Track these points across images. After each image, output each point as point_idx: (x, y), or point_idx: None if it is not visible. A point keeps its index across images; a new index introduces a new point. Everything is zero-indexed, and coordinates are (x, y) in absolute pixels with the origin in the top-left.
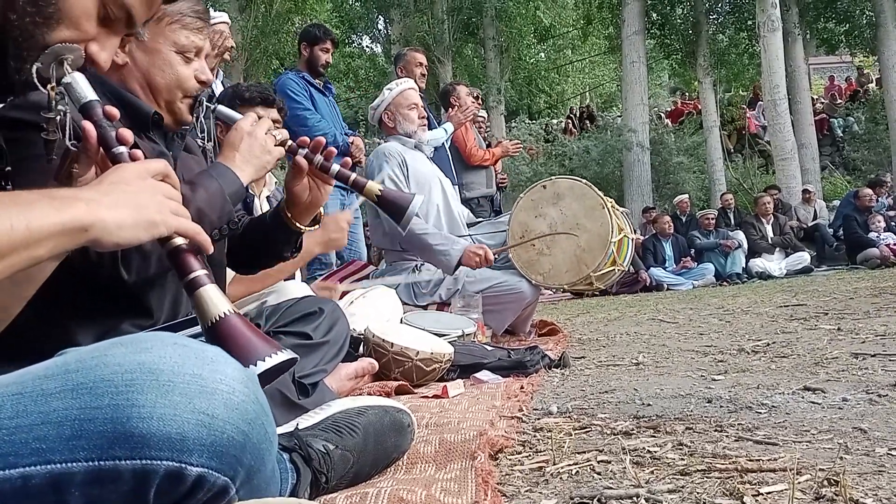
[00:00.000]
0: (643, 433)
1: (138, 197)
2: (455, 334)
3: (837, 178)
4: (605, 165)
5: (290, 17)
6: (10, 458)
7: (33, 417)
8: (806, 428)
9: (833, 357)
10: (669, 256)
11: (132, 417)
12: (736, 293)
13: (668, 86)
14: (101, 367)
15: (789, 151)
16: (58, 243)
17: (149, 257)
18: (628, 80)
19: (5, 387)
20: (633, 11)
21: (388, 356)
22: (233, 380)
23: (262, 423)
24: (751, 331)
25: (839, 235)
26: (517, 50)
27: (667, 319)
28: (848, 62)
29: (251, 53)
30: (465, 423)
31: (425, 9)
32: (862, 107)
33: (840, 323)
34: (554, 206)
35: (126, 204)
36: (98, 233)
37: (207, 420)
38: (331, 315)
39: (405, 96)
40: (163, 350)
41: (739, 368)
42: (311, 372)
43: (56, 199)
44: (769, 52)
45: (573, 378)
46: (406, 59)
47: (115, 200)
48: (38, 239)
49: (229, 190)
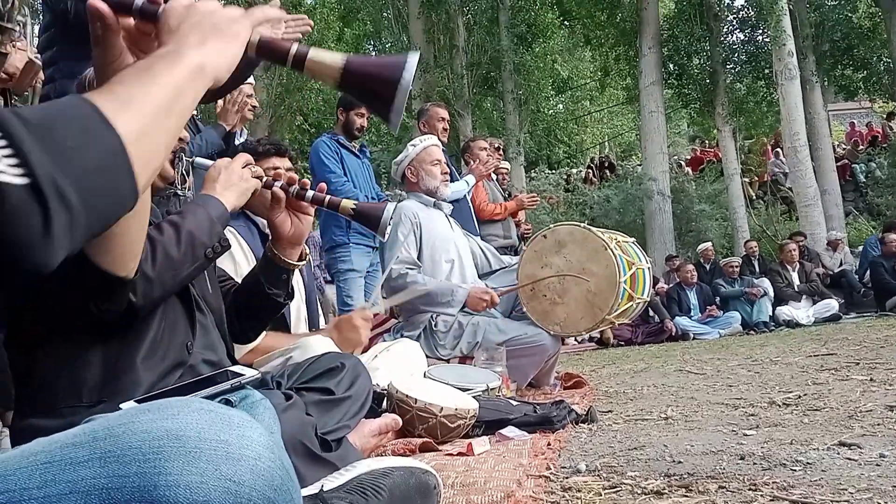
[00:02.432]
0: (675, 492)
1: (210, 21)
2: (479, 388)
3: (862, 224)
4: (627, 214)
5: None
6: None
7: (62, 486)
8: (843, 486)
9: (867, 410)
10: (694, 305)
11: (159, 486)
12: (764, 342)
13: (687, 134)
14: (128, 434)
15: (812, 198)
16: (191, 91)
17: (152, 281)
18: (647, 129)
19: (34, 455)
20: (650, 63)
21: (411, 412)
22: (259, 445)
23: (287, 489)
24: (781, 382)
25: (865, 282)
26: (536, 102)
27: (694, 370)
28: (867, 108)
29: (276, 110)
30: (492, 482)
31: (445, 64)
32: (884, 152)
33: (872, 373)
34: (557, 255)
35: (208, 33)
36: (211, 68)
37: (234, 487)
38: (353, 370)
39: (429, 152)
40: (189, 416)
41: (771, 422)
42: (334, 428)
43: (162, 57)
44: (788, 100)
45: (601, 433)
46: (429, 114)
47: (198, 37)
48: (174, 95)
49: (215, 214)
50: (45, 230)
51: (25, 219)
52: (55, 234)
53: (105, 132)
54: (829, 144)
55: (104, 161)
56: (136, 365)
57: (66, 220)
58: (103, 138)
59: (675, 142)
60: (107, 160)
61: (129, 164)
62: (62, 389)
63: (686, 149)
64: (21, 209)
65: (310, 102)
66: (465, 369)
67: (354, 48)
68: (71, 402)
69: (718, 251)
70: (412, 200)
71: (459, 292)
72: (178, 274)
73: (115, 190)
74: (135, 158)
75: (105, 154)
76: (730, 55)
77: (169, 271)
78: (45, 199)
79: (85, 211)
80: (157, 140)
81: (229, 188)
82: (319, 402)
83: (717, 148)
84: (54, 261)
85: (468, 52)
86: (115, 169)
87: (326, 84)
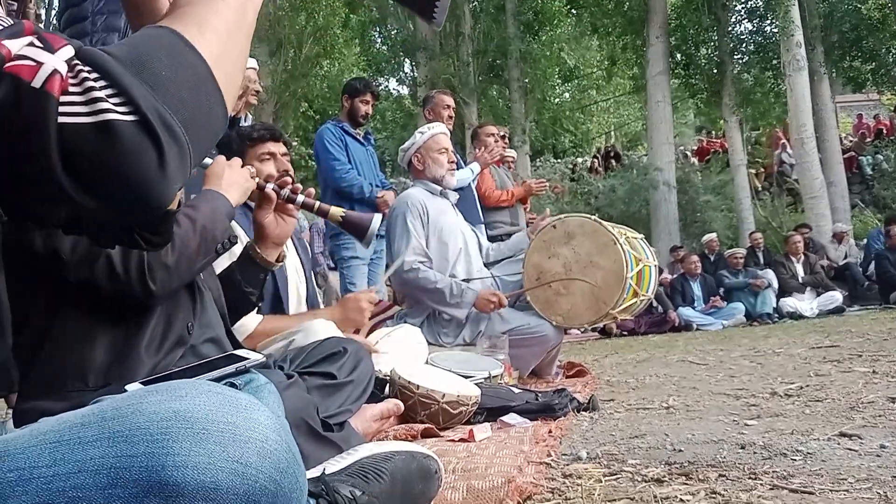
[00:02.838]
0: (675, 480)
1: None
2: (481, 376)
3: (868, 217)
4: (632, 204)
5: (318, 60)
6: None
7: (70, 466)
8: (843, 476)
9: (869, 401)
10: (698, 296)
11: (167, 466)
12: (767, 333)
13: (694, 124)
14: (136, 414)
15: (818, 190)
16: (251, 6)
17: (171, 272)
18: (653, 119)
19: (43, 434)
20: (657, 52)
21: (414, 398)
22: (266, 427)
23: (293, 471)
24: (783, 373)
25: (868, 274)
26: (542, 91)
27: (697, 361)
28: (875, 100)
29: (280, 97)
30: (493, 468)
31: (451, 52)
32: (891, 144)
33: (875, 365)
34: (566, 246)
35: None
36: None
37: (241, 469)
38: (355, 355)
39: (436, 140)
40: (197, 398)
41: (772, 413)
42: (336, 412)
43: None
44: (795, 91)
45: (602, 422)
46: (434, 102)
47: None
48: (240, 9)
49: (224, 210)
50: (160, 164)
51: (141, 156)
52: (170, 168)
53: (192, 57)
54: (836, 136)
55: (197, 87)
56: (141, 348)
57: (177, 152)
58: (192, 64)
59: (682, 132)
60: (199, 86)
61: (217, 86)
62: (69, 372)
63: (693, 139)
64: (136, 146)
65: (314, 89)
66: (468, 357)
67: (360, 35)
68: (77, 384)
69: (723, 242)
70: (419, 188)
71: (469, 294)
72: (192, 266)
73: (210, 114)
74: (220, 80)
75: (197, 80)
76: (738, 45)
77: (186, 263)
78: (155, 133)
79: (190, 140)
80: (234, 59)
81: (233, 185)
82: (321, 387)
83: (723, 139)
84: (172, 195)
85: (474, 39)
86: (207, 94)
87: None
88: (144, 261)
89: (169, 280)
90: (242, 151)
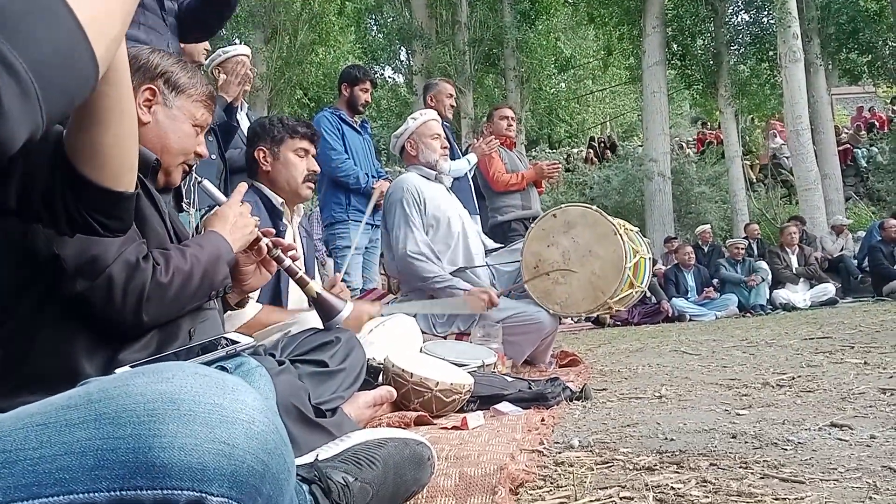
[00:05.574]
0: (666, 469)
1: None
2: (475, 364)
3: (862, 209)
4: (626, 195)
5: (314, 48)
6: (33, 488)
7: (57, 448)
8: (833, 466)
9: (860, 392)
10: (692, 287)
11: (154, 447)
12: (760, 325)
13: (690, 115)
14: (123, 396)
15: (813, 182)
16: None
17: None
18: (649, 110)
19: (29, 417)
20: (653, 42)
21: (407, 386)
22: (252, 409)
23: (281, 452)
24: (775, 364)
25: (864, 267)
26: (538, 80)
27: (690, 351)
28: (871, 93)
29: (275, 84)
30: (485, 455)
31: (447, 40)
32: (886, 137)
33: (867, 357)
34: (565, 235)
35: None
36: None
37: (228, 450)
38: (347, 343)
39: (428, 126)
40: (184, 379)
41: (764, 403)
42: (328, 399)
43: None
44: (791, 83)
45: (595, 411)
46: (437, 89)
47: None
48: None
49: (227, 258)
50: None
51: None
52: (7, 107)
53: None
54: (831, 128)
55: (55, 27)
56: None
57: (18, 92)
58: (49, 4)
59: (677, 123)
60: (57, 26)
61: (78, 26)
62: (59, 381)
63: (688, 130)
64: None
65: (310, 76)
66: (462, 345)
67: (356, 23)
68: (67, 387)
69: (717, 233)
70: (413, 173)
71: (458, 294)
72: (185, 305)
73: (72, 57)
74: (84, 21)
75: (55, 20)
76: (734, 36)
77: (182, 301)
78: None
79: (39, 80)
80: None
81: (238, 232)
82: (313, 374)
83: (718, 130)
84: (14, 136)
85: (470, 28)
86: (68, 32)
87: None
88: (146, 290)
89: (160, 315)
90: (282, 139)
